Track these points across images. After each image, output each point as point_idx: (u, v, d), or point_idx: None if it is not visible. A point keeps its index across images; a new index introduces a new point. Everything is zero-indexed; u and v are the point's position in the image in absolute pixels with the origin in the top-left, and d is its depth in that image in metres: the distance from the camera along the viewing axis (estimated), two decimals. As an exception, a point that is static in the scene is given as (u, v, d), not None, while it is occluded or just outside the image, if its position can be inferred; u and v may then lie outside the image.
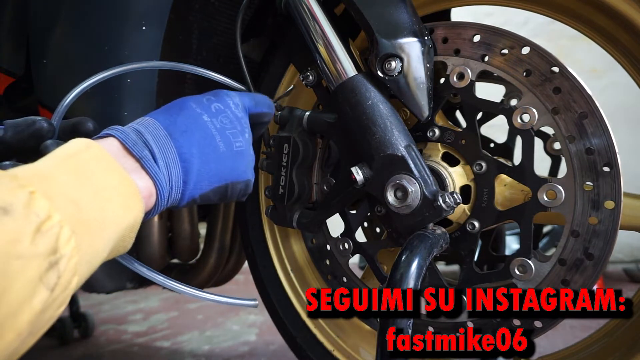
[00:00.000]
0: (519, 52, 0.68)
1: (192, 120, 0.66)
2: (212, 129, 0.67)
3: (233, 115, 0.70)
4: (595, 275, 0.65)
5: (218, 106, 0.70)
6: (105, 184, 0.51)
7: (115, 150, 0.59)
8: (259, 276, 0.99)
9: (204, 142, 0.65)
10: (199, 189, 0.65)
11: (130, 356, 1.72)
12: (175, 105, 0.69)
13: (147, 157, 0.59)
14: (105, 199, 0.50)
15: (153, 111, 0.69)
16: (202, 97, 0.71)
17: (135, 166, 0.59)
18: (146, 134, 0.61)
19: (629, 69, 0.74)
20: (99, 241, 0.48)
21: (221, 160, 0.67)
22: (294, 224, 0.83)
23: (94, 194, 0.49)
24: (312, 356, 0.92)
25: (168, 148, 0.62)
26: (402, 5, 0.70)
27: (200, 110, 0.68)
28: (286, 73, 0.93)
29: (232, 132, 0.69)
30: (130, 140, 0.60)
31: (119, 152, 0.59)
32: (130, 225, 0.54)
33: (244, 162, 0.70)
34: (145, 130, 0.62)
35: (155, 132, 0.62)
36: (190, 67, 0.79)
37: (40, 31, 0.95)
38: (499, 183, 0.72)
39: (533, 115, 0.67)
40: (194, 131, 0.65)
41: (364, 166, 0.70)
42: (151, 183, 0.59)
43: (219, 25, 1.06)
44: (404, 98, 0.70)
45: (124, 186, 0.54)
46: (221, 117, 0.69)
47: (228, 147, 0.67)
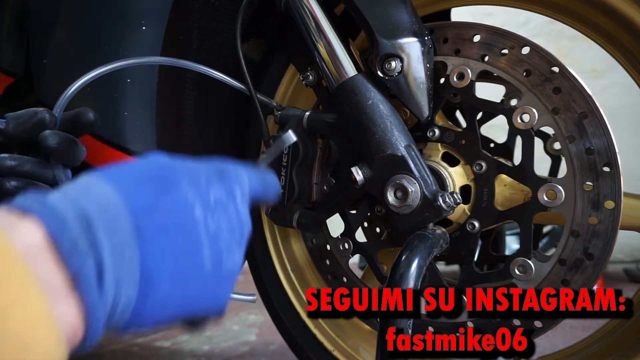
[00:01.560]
0: (519, 52, 0.68)
1: (177, 214, 0.42)
2: (202, 233, 0.43)
3: (236, 215, 0.47)
4: (595, 275, 0.65)
5: (220, 196, 0.46)
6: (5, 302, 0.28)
7: (32, 248, 0.32)
8: (259, 276, 0.99)
9: (185, 254, 0.42)
10: (153, 320, 0.41)
11: (130, 356, 1.72)
12: (157, 175, 0.43)
13: (85, 275, 0.34)
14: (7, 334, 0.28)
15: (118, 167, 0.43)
16: (201, 173, 0.46)
17: (62, 285, 0.33)
18: (98, 226, 0.36)
19: (629, 69, 0.74)
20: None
21: (201, 284, 0.43)
22: (294, 224, 0.83)
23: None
24: (312, 356, 0.92)
25: (127, 257, 0.37)
26: (402, 5, 0.70)
27: (193, 197, 0.43)
28: (286, 73, 0.93)
29: (228, 243, 0.45)
30: (67, 238, 0.34)
31: (35, 252, 0.32)
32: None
33: (228, 287, 0.46)
34: (99, 217, 0.36)
35: (116, 226, 0.37)
36: (190, 63, 0.78)
37: (40, 31, 0.94)
38: (499, 183, 0.72)
39: (533, 115, 0.67)
40: (175, 234, 0.41)
41: (364, 166, 0.70)
42: (81, 316, 0.34)
43: (219, 25, 1.06)
44: (404, 98, 0.70)
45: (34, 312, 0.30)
46: (219, 216, 0.45)
47: (216, 267, 0.44)
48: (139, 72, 0.87)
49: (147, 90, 0.87)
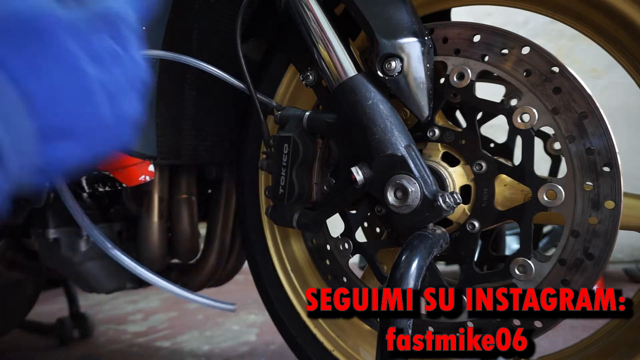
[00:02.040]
0: (519, 52, 0.68)
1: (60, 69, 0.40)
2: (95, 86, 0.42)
3: (130, 63, 0.46)
4: (595, 275, 0.65)
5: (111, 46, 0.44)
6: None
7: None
8: (259, 276, 0.99)
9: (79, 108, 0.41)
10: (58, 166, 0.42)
11: (130, 356, 1.72)
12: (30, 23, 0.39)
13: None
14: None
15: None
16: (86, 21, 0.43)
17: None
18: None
19: (629, 69, 0.74)
20: None
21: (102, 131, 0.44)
22: (294, 224, 0.83)
23: None
24: (312, 356, 0.92)
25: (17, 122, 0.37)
26: (402, 5, 0.70)
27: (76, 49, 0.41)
28: (286, 73, 0.93)
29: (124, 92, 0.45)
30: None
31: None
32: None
33: (127, 129, 0.46)
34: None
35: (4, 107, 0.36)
36: (191, 59, 0.78)
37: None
38: (499, 183, 0.72)
39: (533, 115, 0.67)
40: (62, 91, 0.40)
41: (364, 166, 0.70)
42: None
43: (219, 25, 1.06)
44: (404, 98, 0.70)
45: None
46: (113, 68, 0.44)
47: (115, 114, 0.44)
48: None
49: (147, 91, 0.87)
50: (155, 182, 1.16)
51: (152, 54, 0.78)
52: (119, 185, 1.08)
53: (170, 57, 0.78)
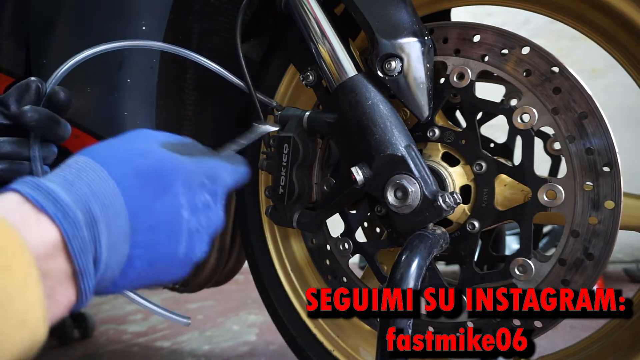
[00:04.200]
0: (519, 52, 0.68)
1: (167, 217, 0.48)
2: (184, 231, 0.49)
3: (215, 215, 0.54)
4: (595, 275, 0.65)
5: (207, 201, 0.53)
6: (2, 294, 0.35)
7: (47, 247, 0.39)
8: (259, 276, 0.99)
9: (165, 247, 0.48)
10: (122, 290, 0.49)
11: (130, 356, 1.72)
12: (157, 175, 0.48)
13: (88, 271, 0.41)
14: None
15: (117, 152, 0.48)
16: (195, 177, 0.52)
17: (67, 275, 0.40)
18: (102, 227, 0.42)
19: (629, 69, 0.74)
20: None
21: (170, 267, 0.50)
22: (294, 224, 0.83)
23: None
24: (312, 356, 0.92)
25: (120, 251, 0.44)
26: (402, 5, 0.70)
27: (184, 200, 0.49)
28: (286, 73, 0.93)
29: (202, 237, 0.52)
30: (77, 241, 0.40)
31: (52, 252, 0.39)
32: (28, 348, 0.38)
33: (189, 268, 0.53)
34: (103, 218, 0.42)
35: (115, 224, 0.43)
36: (190, 53, 0.78)
37: (40, 31, 0.94)
38: (499, 183, 0.72)
39: (533, 115, 0.67)
40: (162, 232, 0.48)
41: (364, 166, 0.70)
42: (75, 298, 0.42)
43: (219, 25, 1.06)
44: (404, 98, 0.70)
45: (28, 299, 0.37)
46: (202, 217, 0.52)
47: (187, 255, 0.51)
48: (139, 73, 0.87)
49: (147, 91, 0.87)
50: (155, 182, 1.16)
51: (148, 45, 0.78)
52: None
53: (170, 50, 0.78)
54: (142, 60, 0.87)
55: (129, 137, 0.52)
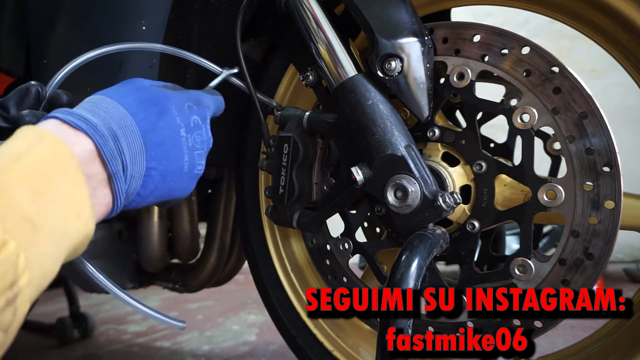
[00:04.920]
0: (519, 52, 0.68)
1: (170, 133, 0.61)
2: (184, 146, 0.63)
3: (206, 134, 0.67)
4: (595, 275, 0.65)
5: (197, 120, 0.65)
6: (60, 190, 0.44)
7: (86, 155, 0.51)
8: (259, 276, 0.99)
9: (173, 161, 0.61)
10: (145, 202, 0.62)
11: (130, 356, 1.72)
12: (154, 102, 0.61)
13: (119, 174, 0.54)
14: (61, 209, 0.43)
15: (120, 89, 0.62)
16: (183, 102, 0.65)
17: (103, 179, 0.53)
18: (123, 141, 0.55)
19: (629, 69, 0.74)
20: (50, 261, 0.41)
21: (179, 181, 0.63)
22: (294, 224, 0.83)
23: (47, 204, 0.42)
24: (312, 356, 0.92)
25: (139, 162, 0.57)
26: (402, 5, 0.70)
27: (180, 120, 0.63)
28: (286, 73, 0.93)
29: (199, 153, 0.65)
30: (108, 150, 0.53)
31: (89, 158, 0.51)
32: (82, 238, 0.47)
33: (194, 183, 0.67)
34: (122, 135, 0.55)
35: (132, 140, 0.56)
36: (192, 55, 0.79)
37: (40, 31, 0.94)
38: (499, 183, 0.72)
39: (533, 115, 0.67)
40: (168, 147, 0.61)
41: (364, 166, 0.70)
42: (111, 200, 0.55)
43: (219, 25, 1.06)
44: (404, 98, 0.70)
45: (80, 195, 0.47)
46: (196, 135, 0.65)
47: (190, 169, 0.64)
48: (139, 73, 0.87)
49: None
50: (155, 182, 1.16)
51: (155, 48, 0.78)
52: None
53: (168, 51, 0.78)
54: (142, 60, 0.87)
55: (124, 82, 0.65)
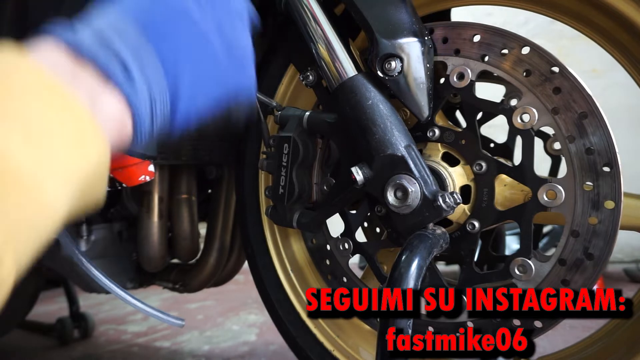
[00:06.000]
0: (519, 52, 0.68)
1: (174, 15, 0.47)
2: (202, 27, 0.49)
3: (233, 4, 0.53)
4: (595, 275, 0.65)
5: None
6: (45, 120, 0.36)
7: (60, 62, 0.41)
8: (259, 276, 0.99)
9: (194, 49, 0.48)
10: (194, 106, 0.49)
11: (130, 356, 1.72)
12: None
13: (112, 67, 0.42)
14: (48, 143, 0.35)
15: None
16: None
17: (96, 83, 0.41)
18: (110, 33, 0.43)
19: (629, 69, 0.74)
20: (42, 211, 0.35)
21: (220, 69, 0.50)
22: (294, 224, 0.83)
23: (26, 140, 0.34)
24: (312, 356, 0.92)
25: (143, 52, 0.44)
26: (402, 6, 0.70)
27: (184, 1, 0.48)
28: (286, 73, 0.93)
29: (232, 29, 0.52)
30: (86, 47, 0.41)
31: (67, 66, 0.41)
32: (93, 168, 0.39)
33: (250, 68, 0.54)
34: (107, 27, 0.44)
35: (122, 30, 0.44)
36: None
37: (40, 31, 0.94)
38: (499, 183, 0.72)
39: (533, 115, 0.67)
40: (178, 33, 0.47)
41: (364, 166, 0.70)
42: (123, 104, 0.43)
43: (219, 25, 1.06)
44: (404, 98, 0.70)
45: (70, 114, 0.38)
46: (213, 8, 0.50)
47: (228, 51, 0.51)
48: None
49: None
50: (155, 182, 1.16)
51: None
52: (118, 185, 1.08)
53: None
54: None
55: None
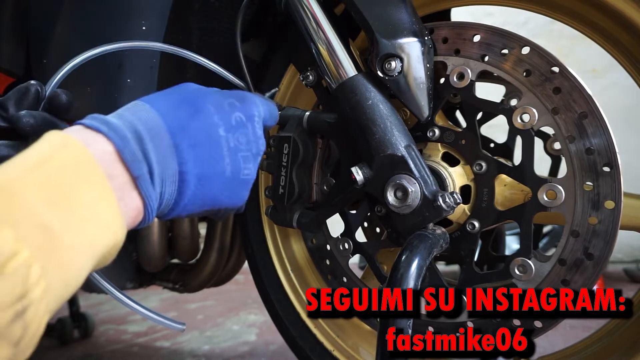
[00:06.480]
0: (519, 52, 0.68)
1: (205, 132, 0.56)
2: (224, 147, 0.58)
3: (252, 134, 0.61)
4: (595, 275, 0.65)
5: (240, 118, 0.60)
6: (84, 198, 0.42)
7: (106, 157, 0.48)
8: (259, 276, 0.99)
9: (210, 163, 0.56)
10: (187, 211, 0.57)
11: (130, 356, 1.72)
12: (189, 101, 0.58)
13: (144, 177, 0.50)
14: (83, 218, 0.41)
15: (158, 94, 0.59)
16: (224, 99, 0.61)
17: (127, 181, 0.49)
18: (148, 142, 0.51)
19: (629, 69, 0.74)
20: (73, 272, 0.40)
21: (222, 186, 0.58)
22: (294, 224, 0.83)
23: (69, 213, 0.40)
24: (312, 356, 0.92)
25: (169, 164, 0.53)
26: (402, 6, 0.70)
27: (218, 119, 0.58)
28: (286, 73, 0.93)
29: (244, 155, 0.60)
30: (129, 152, 0.49)
31: (110, 161, 0.48)
32: (110, 248, 0.45)
33: (246, 190, 0.62)
34: (147, 136, 0.51)
35: (159, 141, 0.52)
36: (189, 53, 0.78)
37: (40, 31, 0.95)
38: (499, 183, 0.72)
39: (533, 115, 0.67)
40: (204, 147, 0.56)
41: (364, 166, 0.70)
42: (141, 204, 0.51)
43: (219, 25, 1.06)
44: (404, 98, 0.70)
45: (107, 203, 0.45)
46: (239, 134, 0.60)
47: (234, 174, 0.59)
48: (139, 73, 0.87)
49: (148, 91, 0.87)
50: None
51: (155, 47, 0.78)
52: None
53: (172, 51, 0.78)
54: (142, 60, 0.87)
55: (171, 87, 0.62)
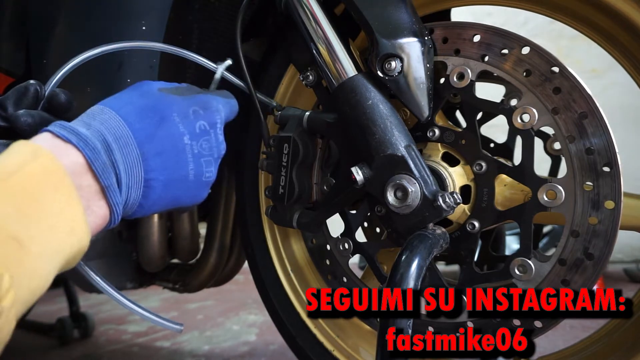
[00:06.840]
0: (519, 52, 0.68)
1: (171, 141, 0.59)
2: (189, 154, 0.61)
3: (215, 140, 0.64)
4: (595, 275, 0.65)
5: (203, 126, 0.63)
6: (52, 208, 0.44)
7: (77, 168, 0.50)
8: (259, 276, 0.99)
9: (175, 170, 0.59)
10: (151, 212, 0.60)
11: (130, 356, 1.72)
12: (154, 109, 0.59)
13: (112, 187, 0.53)
14: (51, 226, 0.43)
15: (122, 97, 0.60)
16: (188, 108, 0.62)
17: (96, 191, 0.52)
18: (116, 153, 0.54)
19: (629, 69, 0.74)
20: (40, 279, 0.41)
21: (186, 189, 0.62)
22: (294, 224, 0.83)
23: (37, 223, 0.42)
24: (312, 356, 0.92)
25: (136, 173, 0.56)
26: (402, 5, 0.70)
27: (183, 128, 0.60)
28: (286, 73, 0.93)
29: (207, 160, 0.63)
30: (99, 163, 0.51)
31: (81, 172, 0.50)
32: (75, 253, 0.47)
33: (206, 190, 0.65)
34: (116, 146, 0.54)
35: (127, 151, 0.55)
36: (189, 53, 0.78)
37: (40, 31, 0.95)
38: (499, 183, 0.72)
39: (533, 115, 0.67)
40: (169, 156, 0.59)
41: (364, 166, 0.70)
42: (108, 211, 0.53)
43: (219, 25, 1.06)
44: (404, 98, 0.70)
45: (74, 211, 0.47)
46: (202, 141, 0.62)
47: (197, 177, 0.62)
48: (139, 73, 0.87)
49: None
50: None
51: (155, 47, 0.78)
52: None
53: (172, 51, 0.78)
54: (142, 60, 0.87)
55: (132, 86, 0.64)
